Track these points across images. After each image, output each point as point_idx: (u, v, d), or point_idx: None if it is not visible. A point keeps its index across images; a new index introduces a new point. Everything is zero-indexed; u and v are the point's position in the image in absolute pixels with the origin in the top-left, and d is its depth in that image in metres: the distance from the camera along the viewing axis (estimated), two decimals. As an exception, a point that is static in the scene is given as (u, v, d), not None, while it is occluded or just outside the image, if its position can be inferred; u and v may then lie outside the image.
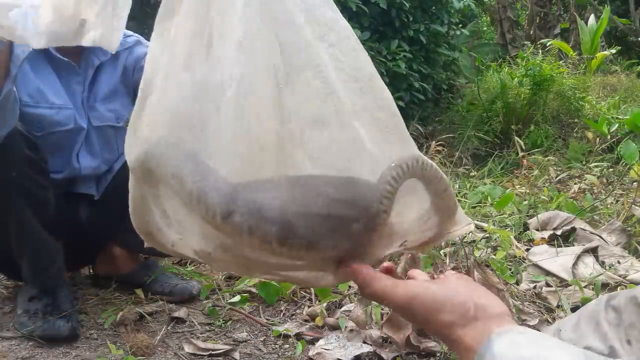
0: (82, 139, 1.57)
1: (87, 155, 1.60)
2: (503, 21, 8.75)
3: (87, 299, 1.68)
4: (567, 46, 7.27)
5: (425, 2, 5.45)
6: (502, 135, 4.56)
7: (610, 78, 6.21)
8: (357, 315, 1.47)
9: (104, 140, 1.62)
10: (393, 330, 1.36)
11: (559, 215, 2.34)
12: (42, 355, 1.36)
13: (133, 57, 1.62)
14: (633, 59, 8.21)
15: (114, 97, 1.61)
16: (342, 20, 0.63)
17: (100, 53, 1.56)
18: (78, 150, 1.58)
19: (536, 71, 4.50)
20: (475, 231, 2.30)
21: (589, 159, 3.57)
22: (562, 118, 4.63)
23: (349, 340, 1.43)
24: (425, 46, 5.45)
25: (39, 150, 1.40)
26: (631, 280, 1.72)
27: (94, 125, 1.58)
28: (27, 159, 1.34)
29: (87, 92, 1.56)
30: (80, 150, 1.58)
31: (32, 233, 1.41)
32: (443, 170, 3.41)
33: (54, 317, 1.43)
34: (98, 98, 1.58)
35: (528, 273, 1.86)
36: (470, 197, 2.85)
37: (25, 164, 1.34)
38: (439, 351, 1.37)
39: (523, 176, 3.36)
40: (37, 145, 1.40)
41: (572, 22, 8.39)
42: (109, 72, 1.60)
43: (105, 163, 1.65)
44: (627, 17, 8.95)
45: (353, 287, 1.74)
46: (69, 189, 1.63)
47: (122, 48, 1.59)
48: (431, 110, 5.68)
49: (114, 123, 1.62)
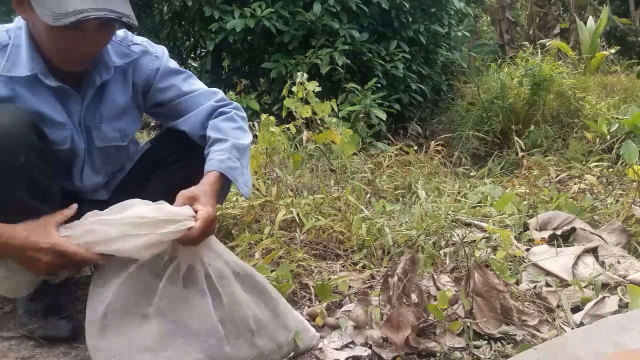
0: (83, 158, 1.52)
1: (90, 173, 1.56)
2: (502, 22, 8.75)
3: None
4: (567, 46, 7.27)
5: (425, 3, 5.45)
6: (502, 135, 4.56)
7: (610, 78, 6.21)
8: (357, 315, 1.47)
9: (105, 157, 1.57)
10: (392, 330, 1.37)
11: (559, 215, 2.34)
12: (42, 355, 1.36)
13: (142, 75, 1.55)
14: (633, 59, 8.20)
15: (122, 115, 1.54)
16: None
17: (103, 71, 1.47)
18: (81, 168, 1.53)
19: (536, 71, 4.50)
20: (475, 231, 2.30)
21: (589, 159, 3.57)
22: (562, 118, 4.64)
23: (350, 339, 1.43)
24: (424, 47, 5.45)
25: (48, 141, 1.37)
26: (631, 281, 1.72)
27: (96, 146, 1.52)
28: (35, 147, 1.31)
29: (85, 112, 1.48)
30: (83, 168, 1.54)
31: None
32: (443, 171, 3.39)
33: (55, 317, 1.43)
34: (104, 118, 1.51)
35: (528, 273, 1.86)
36: (470, 197, 2.85)
37: (33, 153, 1.30)
38: (439, 351, 1.37)
39: (523, 176, 3.36)
40: (46, 136, 1.36)
41: (572, 22, 8.39)
42: (118, 91, 1.52)
43: (106, 175, 1.62)
44: (627, 17, 8.95)
45: (353, 287, 1.75)
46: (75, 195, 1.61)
47: (128, 60, 1.51)
48: (430, 111, 5.68)
49: (119, 142, 1.57)
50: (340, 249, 2.08)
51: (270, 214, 2.30)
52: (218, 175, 1.40)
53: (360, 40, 4.81)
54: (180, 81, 1.59)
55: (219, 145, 1.46)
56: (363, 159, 3.50)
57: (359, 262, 1.97)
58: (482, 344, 1.41)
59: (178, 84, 1.58)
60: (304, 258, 1.94)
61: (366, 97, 4.29)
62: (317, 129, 3.00)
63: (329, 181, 2.92)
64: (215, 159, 1.42)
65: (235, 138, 1.48)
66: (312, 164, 3.28)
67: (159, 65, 1.56)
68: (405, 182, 3.08)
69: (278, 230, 2.10)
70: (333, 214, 2.31)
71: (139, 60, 1.54)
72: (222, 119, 1.53)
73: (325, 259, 2.03)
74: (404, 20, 5.14)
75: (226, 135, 1.48)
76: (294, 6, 4.77)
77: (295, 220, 2.22)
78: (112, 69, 1.47)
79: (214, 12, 4.75)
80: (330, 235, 2.14)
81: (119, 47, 1.50)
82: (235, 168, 1.44)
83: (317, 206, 2.37)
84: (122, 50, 1.51)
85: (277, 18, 4.65)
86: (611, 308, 1.54)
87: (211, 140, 1.48)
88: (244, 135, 1.54)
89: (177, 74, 1.60)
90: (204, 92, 1.60)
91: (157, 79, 1.56)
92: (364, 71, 4.88)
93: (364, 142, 4.03)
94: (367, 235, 2.09)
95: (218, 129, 1.50)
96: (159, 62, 1.56)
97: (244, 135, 1.54)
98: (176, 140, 1.62)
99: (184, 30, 6.09)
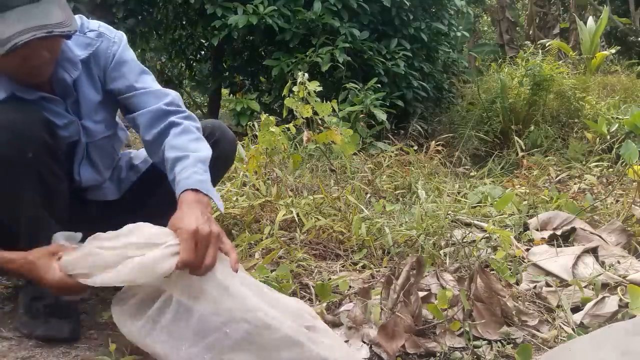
0: (82, 152, 1.52)
1: (88, 168, 1.55)
2: (501, 22, 8.76)
3: (87, 298, 1.68)
4: (567, 46, 7.27)
5: (426, 1, 5.45)
6: (502, 135, 4.57)
7: (610, 78, 6.22)
8: (356, 314, 1.47)
9: (99, 151, 1.56)
10: (386, 339, 1.36)
11: (559, 215, 2.34)
12: (42, 355, 1.36)
13: (101, 62, 1.48)
14: (633, 58, 8.21)
15: (100, 107, 1.51)
16: None
17: (70, 68, 1.43)
18: (80, 162, 1.53)
19: (536, 71, 4.50)
20: (475, 231, 2.30)
21: (589, 159, 3.57)
22: (562, 118, 4.64)
23: (347, 338, 1.43)
24: (426, 44, 5.45)
25: (58, 138, 1.37)
26: (631, 281, 1.72)
27: (86, 142, 1.52)
28: (45, 143, 1.30)
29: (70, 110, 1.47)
30: (82, 163, 1.53)
31: (41, 224, 1.35)
32: (443, 171, 3.38)
33: (55, 317, 1.42)
34: (84, 115, 1.49)
35: (528, 273, 1.86)
36: (470, 197, 2.85)
37: (42, 148, 1.29)
38: (439, 351, 1.37)
39: (523, 176, 3.36)
40: (57, 134, 1.36)
41: (572, 22, 8.39)
42: (88, 85, 1.48)
43: (106, 169, 1.61)
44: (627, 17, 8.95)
45: (353, 287, 1.74)
46: (84, 196, 1.61)
47: (91, 50, 1.46)
48: (432, 110, 5.68)
49: (105, 133, 1.54)
50: (340, 249, 2.08)
51: (270, 214, 2.30)
52: (190, 191, 1.27)
53: (361, 38, 4.81)
54: (132, 74, 1.49)
55: (181, 164, 1.33)
56: (363, 159, 3.50)
57: (359, 262, 1.97)
58: (482, 344, 1.41)
59: (129, 76, 1.49)
60: (304, 258, 1.94)
61: (367, 96, 4.29)
62: (317, 129, 3.00)
63: (329, 181, 2.92)
64: (183, 180, 1.30)
65: (194, 151, 1.36)
66: (312, 164, 3.28)
67: (115, 51, 1.48)
68: (405, 182, 3.08)
69: (278, 230, 2.10)
70: (333, 214, 2.31)
71: (98, 48, 1.47)
72: (176, 133, 1.41)
73: (325, 259, 2.03)
74: (405, 18, 5.14)
75: (185, 151, 1.36)
76: (295, 4, 4.77)
77: (295, 220, 2.22)
78: (78, 63, 1.43)
79: (216, 9, 4.76)
80: (330, 235, 2.14)
81: (78, 38, 1.44)
82: (205, 181, 1.32)
83: (317, 206, 2.36)
84: (81, 41, 1.45)
85: (278, 16, 4.66)
86: (611, 308, 1.54)
87: (171, 162, 1.35)
88: (203, 147, 1.41)
89: (131, 65, 1.50)
90: (154, 92, 1.49)
91: (111, 66, 1.48)
92: (364, 69, 4.88)
93: (364, 142, 4.03)
94: (367, 235, 2.09)
95: (175, 147, 1.38)
96: (115, 48, 1.48)
97: (203, 146, 1.41)
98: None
99: (186, 33, 6.10)
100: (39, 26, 1.19)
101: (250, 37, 5.23)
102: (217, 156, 1.60)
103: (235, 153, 1.76)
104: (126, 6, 5.54)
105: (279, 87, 4.45)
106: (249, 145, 2.95)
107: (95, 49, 1.47)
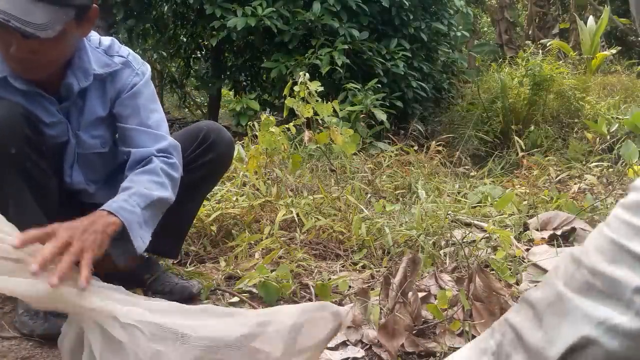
0: (72, 155, 1.49)
1: (80, 173, 1.52)
2: (500, 22, 8.77)
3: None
4: (567, 46, 7.28)
5: (426, 1, 5.45)
6: (502, 135, 4.57)
7: (610, 78, 6.22)
8: (355, 314, 1.47)
9: (88, 164, 1.53)
10: (386, 338, 1.36)
11: (559, 215, 2.34)
12: (42, 355, 1.36)
13: (118, 85, 1.47)
14: (633, 58, 8.21)
15: (101, 123, 1.50)
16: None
17: (82, 77, 1.42)
18: (71, 165, 1.50)
19: (536, 71, 4.50)
20: (475, 231, 2.30)
21: (589, 159, 3.57)
22: (562, 118, 4.64)
23: (346, 338, 1.43)
24: (426, 44, 5.44)
25: (42, 135, 1.36)
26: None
27: (79, 152, 1.50)
28: (27, 138, 1.29)
29: (66, 117, 1.46)
30: (73, 166, 1.51)
31: (32, 219, 1.29)
32: (443, 171, 3.39)
33: (55, 317, 1.42)
34: (82, 126, 1.47)
35: (528, 273, 1.86)
36: (470, 197, 2.85)
37: (25, 144, 1.28)
38: (439, 351, 1.37)
39: (523, 176, 3.36)
40: (41, 130, 1.35)
41: (572, 22, 8.39)
42: (97, 100, 1.47)
43: (98, 180, 1.59)
44: (627, 17, 8.94)
45: (353, 287, 1.75)
46: (75, 197, 1.59)
47: (108, 70, 1.45)
48: (432, 110, 5.68)
49: (99, 149, 1.52)
50: (340, 249, 2.08)
51: (270, 214, 2.30)
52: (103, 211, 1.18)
53: (360, 39, 4.81)
54: (145, 109, 1.47)
55: (122, 193, 1.26)
56: (363, 159, 3.50)
57: (359, 262, 1.97)
58: (482, 344, 1.41)
59: (141, 110, 1.46)
60: (304, 258, 1.94)
61: (366, 97, 4.29)
62: (317, 129, 3.00)
63: (329, 181, 2.92)
64: (109, 202, 1.21)
65: (145, 188, 1.29)
66: (312, 164, 3.28)
67: (136, 82, 1.48)
68: (405, 182, 3.08)
69: (278, 230, 2.10)
70: (333, 214, 2.31)
71: (119, 72, 1.47)
72: (141, 170, 1.36)
73: (325, 259, 2.03)
74: (404, 17, 5.14)
75: (136, 185, 1.29)
76: (294, 5, 4.77)
77: (295, 220, 2.22)
78: (91, 76, 1.42)
79: (215, 10, 4.76)
80: (330, 235, 2.14)
81: (101, 57, 1.45)
82: (131, 212, 1.21)
83: (317, 206, 2.37)
84: (103, 60, 1.45)
85: (277, 17, 4.66)
86: (611, 308, 1.54)
87: (119, 191, 1.29)
88: (158, 189, 1.32)
89: (146, 99, 1.48)
90: (154, 135, 1.45)
91: (126, 94, 1.47)
92: (364, 70, 4.89)
93: (364, 142, 4.03)
94: (367, 235, 2.09)
95: (130, 180, 1.33)
96: (137, 79, 1.48)
97: (159, 188, 1.33)
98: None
99: (185, 33, 6.10)
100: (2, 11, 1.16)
101: (250, 38, 5.23)
102: (213, 158, 1.61)
103: (232, 155, 1.75)
104: (126, 6, 5.54)
105: (279, 89, 4.45)
106: (249, 145, 2.95)
107: (114, 71, 1.46)
